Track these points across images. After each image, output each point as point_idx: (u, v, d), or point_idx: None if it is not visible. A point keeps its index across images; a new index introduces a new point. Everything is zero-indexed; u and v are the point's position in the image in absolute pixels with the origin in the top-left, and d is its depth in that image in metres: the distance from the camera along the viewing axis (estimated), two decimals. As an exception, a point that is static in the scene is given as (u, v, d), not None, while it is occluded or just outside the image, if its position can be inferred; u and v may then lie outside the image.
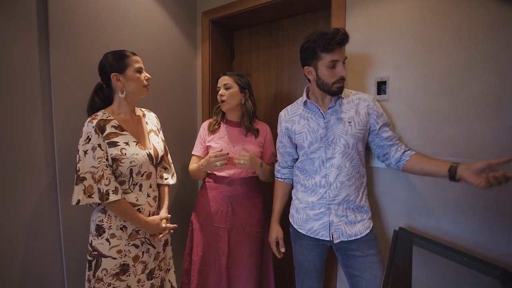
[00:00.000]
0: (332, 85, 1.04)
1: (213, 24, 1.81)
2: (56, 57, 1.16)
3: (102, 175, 1.03)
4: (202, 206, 1.40)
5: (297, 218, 1.18)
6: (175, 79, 1.72)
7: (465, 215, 1.09)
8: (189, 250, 1.44)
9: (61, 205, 1.20)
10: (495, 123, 1.02)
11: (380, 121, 1.10)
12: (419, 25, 1.13)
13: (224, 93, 1.33)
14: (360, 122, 1.09)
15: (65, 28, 1.18)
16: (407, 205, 1.20)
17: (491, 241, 1.05)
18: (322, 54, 1.02)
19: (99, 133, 1.04)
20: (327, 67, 1.02)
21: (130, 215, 1.09)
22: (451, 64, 1.08)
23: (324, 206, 1.10)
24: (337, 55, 1.01)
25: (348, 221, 1.09)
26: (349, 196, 1.08)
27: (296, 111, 1.19)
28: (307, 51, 1.05)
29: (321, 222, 1.11)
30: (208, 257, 1.36)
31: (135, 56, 1.13)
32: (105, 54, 1.11)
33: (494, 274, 0.96)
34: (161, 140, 1.29)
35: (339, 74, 1.03)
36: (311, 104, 1.14)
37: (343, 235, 1.08)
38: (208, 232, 1.36)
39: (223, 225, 1.34)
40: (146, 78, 1.15)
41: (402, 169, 1.08)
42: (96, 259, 1.07)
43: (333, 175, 1.08)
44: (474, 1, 1.03)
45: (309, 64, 1.08)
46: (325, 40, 0.98)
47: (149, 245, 1.18)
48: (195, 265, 1.36)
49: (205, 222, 1.37)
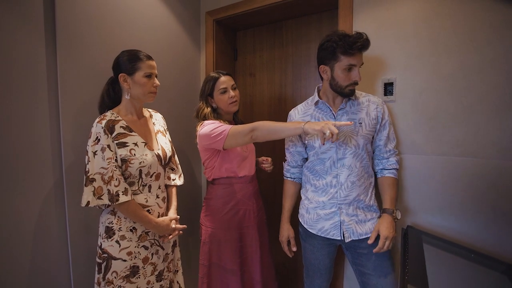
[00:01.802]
0: (345, 87, 1.05)
1: (217, 24, 1.81)
2: (63, 56, 1.14)
3: (111, 176, 1.02)
4: (229, 214, 1.31)
5: (307, 218, 1.19)
6: (178, 78, 1.71)
7: (471, 213, 1.12)
8: (206, 270, 1.32)
9: (68, 206, 1.17)
10: (499, 123, 1.05)
11: (383, 128, 1.14)
12: (425, 27, 1.16)
13: (235, 94, 1.32)
14: (370, 123, 1.11)
15: (71, 27, 1.17)
16: (413, 204, 1.23)
17: (496, 237, 1.07)
18: (342, 56, 1.02)
19: (108, 134, 1.03)
20: (344, 69, 1.03)
21: (140, 216, 1.08)
22: (457, 65, 1.10)
23: (335, 206, 1.11)
24: (356, 60, 1.02)
25: (359, 220, 1.10)
26: (359, 196, 1.10)
27: (307, 110, 1.20)
28: (326, 50, 1.05)
29: (332, 222, 1.12)
30: (246, 259, 1.34)
31: (149, 60, 1.11)
32: (122, 52, 1.11)
33: (501, 269, 0.99)
34: (168, 141, 1.28)
35: (354, 79, 1.04)
36: (323, 104, 1.15)
37: (353, 234, 1.10)
38: (239, 237, 1.32)
39: (252, 223, 1.34)
40: (154, 85, 1.13)
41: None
42: (106, 261, 1.06)
43: (344, 175, 1.09)
44: (480, 4, 1.06)
45: (326, 64, 1.08)
46: (347, 43, 0.98)
47: (158, 247, 1.17)
48: (236, 274, 1.30)
49: (235, 230, 1.32)
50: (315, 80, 1.69)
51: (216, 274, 1.32)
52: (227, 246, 1.30)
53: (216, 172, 1.32)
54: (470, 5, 1.07)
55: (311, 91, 1.71)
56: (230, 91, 1.30)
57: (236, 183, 1.33)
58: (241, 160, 1.32)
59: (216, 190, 1.34)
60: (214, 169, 1.31)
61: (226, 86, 1.30)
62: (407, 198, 1.24)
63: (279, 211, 1.32)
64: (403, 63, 1.21)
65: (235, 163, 1.30)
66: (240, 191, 1.33)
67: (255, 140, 1.15)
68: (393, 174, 1.13)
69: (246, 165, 1.34)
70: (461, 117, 1.11)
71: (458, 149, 1.13)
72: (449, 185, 1.15)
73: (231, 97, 1.30)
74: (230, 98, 1.30)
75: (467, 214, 1.12)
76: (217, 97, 1.31)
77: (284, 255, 1.29)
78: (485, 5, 1.05)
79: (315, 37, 1.67)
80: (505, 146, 1.04)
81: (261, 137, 1.11)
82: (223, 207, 1.31)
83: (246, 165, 1.34)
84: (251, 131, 1.10)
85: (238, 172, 1.31)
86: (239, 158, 1.31)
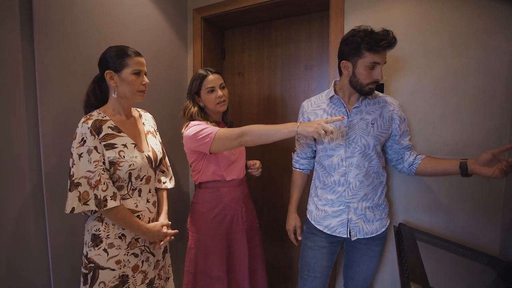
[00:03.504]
0: (366, 85, 1.03)
1: (205, 22, 1.76)
2: (42, 50, 1.05)
3: (99, 180, 0.95)
4: (216, 219, 1.27)
5: (315, 214, 1.19)
6: (164, 77, 1.64)
7: (457, 209, 1.17)
8: (191, 277, 1.29)
9: (48, 214, 1.08)
10: (483, 124, 1.11)
11: (403, 127, 1.12)
12: (415, 30, 1.19)
13: (223, 93, 1.27)
14: (383, 125, 1.10)
15: (50, 20, 1.07)
16: (404, 202, 1.26)
17: (481, 232, 1.13)
18: (366, 53, 0.98)
19: (95, 135, 0.96)
20: (366, 67, 1.00)
21: (129, 222, 1.02)
22: (445, 68, 1.15)
23: (343, 204, 1.11)
24: (380, 58, 0.99)
25: (367, 220, 1.11)
26: (367, 195, 1.10)
27: (321, 104, 1.17)
28: (351, 45, 1.01)
29: (339, 219, 1.12)
30: (234, 265, 1.30)
31: (138, 57, 1.05)
32: (109, 47, 1.04)
33: (485, 261, 1.04)
34: (159, 142, 1.22)
35: (375, 77, 1.01)
36: (338, 100, 1.13)
37: (360, 233, 1.10)
38: (226, 243, 1.28)
39: (240, 228, 1.29)
40: (143, 83, 1.07)
41: (415, 173, 1.12)
42: (92, 271, 0.98)
43: (352, 174, 1.09)
44: (467, 10, 1.11)
45: (348, 59, 1.04)
46: (374, 39, 0.95)
47: (148, 253, 1.11)
48: (222, 281, 1.25)
49: (225, 234, 1.27)
50: (305, 80, 1.70)
51: (201, 282, 1.27)
52: (214, 253, 1.25)
53: (203, 175, 1.27)
54: (457, 11, 1.12)
55: (300, 91, 1.72)
56: (218, 91, 1.25)
57: (223, 187, 1.28)
58: (229, 164, 1.28)
59: (202, 194, 1.29)
60: (200, 173, 1.27)
61: (213, 85, 1.24)
62: (398, 196, 1.27)
63: (268, 212, 1.31)
64: (394, 65, 1.24)
65: (222, 167, 1.26)
66: (228, 195, 1.28)
67: (245, 145, 1.11)
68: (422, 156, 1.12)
69: (235, 168, 1.30)
70: (448, 118, 1.16)
71: (446, 148, 1.17)
72: (437, 183, 1.19)
73: (218, 96, 1.24)
74: (218, 98, 1.25)
75: (453, 210, 1.18)
76: (204, 96, 1.26)
77: (274, 256, 1.28)
78: (472, 11, 1.10)
79: (305, 37, 1.67)
80: (489, 145, 1.10)
81: (251, 141, 1.06)
82: (209, 212, 1.26)
83: (234, 169, 1.30)
84: (239, 136, 1.05)
85: (225, 176, 1.27)
86: (227, 162, 1.27)
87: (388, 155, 1.19)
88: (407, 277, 0.81)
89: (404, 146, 1.13)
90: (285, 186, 1.79)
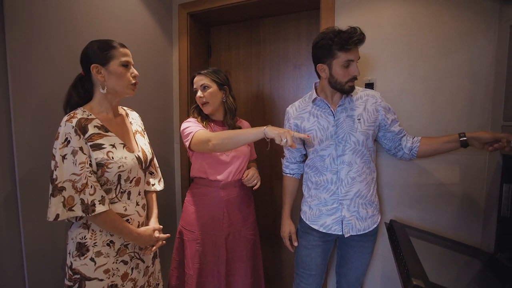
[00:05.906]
0: (345, 83, 1.05)
1: (191, 18, 1.70)
2: (14, 45, 0.95)
3: (85, 183, 0.87)
4: (195, 214, 1.28)
5: (309, 214, 1.19)
6: (149, 74, 1.56)
7: (443, 205, 1.22)
8: (176, 264, 1.31)
9: (23, 225, 0.98)
10: (467, 122, 1.17)
11: (390, 116, 1.14)
12: (403, 32, 1.23)
13: (203, 95, 1.25)
14: (369, 118, 1.12)
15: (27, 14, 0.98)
16: (393, 199, 1.30)
17: (466, 225, 1.19)
18: (338, 52, 1.01)
19: (80, 134, 0.89)
20: (342, 66, 1.03)
21: (119, 228, 0.95)
22: (431, 69, 1.20)
23: (337, 202, 1.12)
24: (353, 55, 1.02)
25: (360, 216, 1.12)
26: (360, 192, 1.11)
27: (305, 107, 1.18)
28: (322, 48, 1.04)
29: (334, 217, 1.13)
30: (205, 268, 1.26)
31: (123, 48, 0.98)
32: (90, 42, 0.95)
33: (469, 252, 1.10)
34: (148, 142, 1.15)
35: (352, 74, 1.04)
36: (321, 101, 1.14)
37: (353, 229, 1.12)
38: (204, 242, 1.25)
39: (220, 232, 1.26)
40: (133, 75, 1.01)
41: (417, 156, 1.14)
42: (78, 283, 0.90)
43: (344, 172, 1.10)
44: (452, 14, 1.16)
45: (323, 62, 1.07)
46: (343, 39, 0.98)
47: (138, 260, 1.04)
48: (192, 279, 1.24)
49: (200, 232, 1.26)
50: (294, 79, 1.70)
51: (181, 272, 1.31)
52: (190, 247, 1.27)
53: (192, 170, 1.33)
54: (443, 15, 1.17)
55: (289, 90, 1.72)
56: (198, 91, 1.28)
57: (205, 186, 1.28)
58: (216, 163, 1.26)
59: (191, 188, 1.35)
60: (191, 167, 1.34)
61: (195, 87, 1.29)
62: (387, 193, 1.31)
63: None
64: (383, 64, 1.27)
65: (206, 164, 1.26)
66: (209, 195, 1.27)
67: (218, 150, 1.15)
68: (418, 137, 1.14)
69: (222, 170, 1.27)
70: (434, 117, 1.21)
71: (432, 146, 1.22)
72: (424, 179, 1.24)
73: (199, 97, 1.27)
74: (199, 99, 1.28)
75: (440, 205, 1.23)
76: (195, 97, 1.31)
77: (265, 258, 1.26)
78: (456, 16, 1.16)
79: (294, 36, 1.67)
80: (472, 142, 1.16)
81: (220, 146, 1.08)
82: (190, 206, 1.31)
83: (221, 170, 1.27)
84: (208, 140, 1.09)
85: (209, 175, 1.27)
86: (212, 160, 1.25)
87: (385, 145, 1.21)
88: (406, 273, 0.82)
89: (397, 132, 1.15)
90: (275, 188, 1.78)
